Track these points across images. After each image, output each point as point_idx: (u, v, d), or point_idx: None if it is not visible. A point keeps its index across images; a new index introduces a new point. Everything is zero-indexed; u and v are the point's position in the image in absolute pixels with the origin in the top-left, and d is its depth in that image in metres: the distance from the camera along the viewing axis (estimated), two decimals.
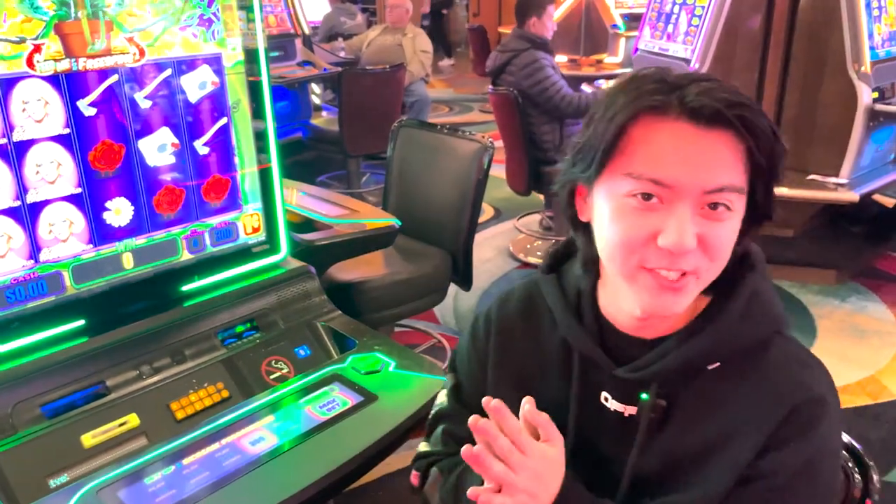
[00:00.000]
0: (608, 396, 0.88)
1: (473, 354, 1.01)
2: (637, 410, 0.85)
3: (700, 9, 3.64)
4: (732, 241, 0.78)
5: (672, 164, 0.74)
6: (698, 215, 0.75)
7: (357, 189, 4.99)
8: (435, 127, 2.85)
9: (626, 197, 0.76)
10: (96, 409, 1.35)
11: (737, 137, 0.74)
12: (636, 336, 0.86)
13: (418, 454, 1.07)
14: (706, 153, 0.74)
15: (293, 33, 5.48)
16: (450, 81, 9.96)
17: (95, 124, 1.36)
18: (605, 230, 0.80)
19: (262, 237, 1.66)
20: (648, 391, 0.84)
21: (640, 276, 0.78)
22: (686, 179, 0.73)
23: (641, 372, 0.83)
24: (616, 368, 0.85)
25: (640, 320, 0.84)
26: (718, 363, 0.83)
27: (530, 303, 0.97)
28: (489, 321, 1.00)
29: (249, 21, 1.55)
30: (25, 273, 1.32)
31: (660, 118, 0.75)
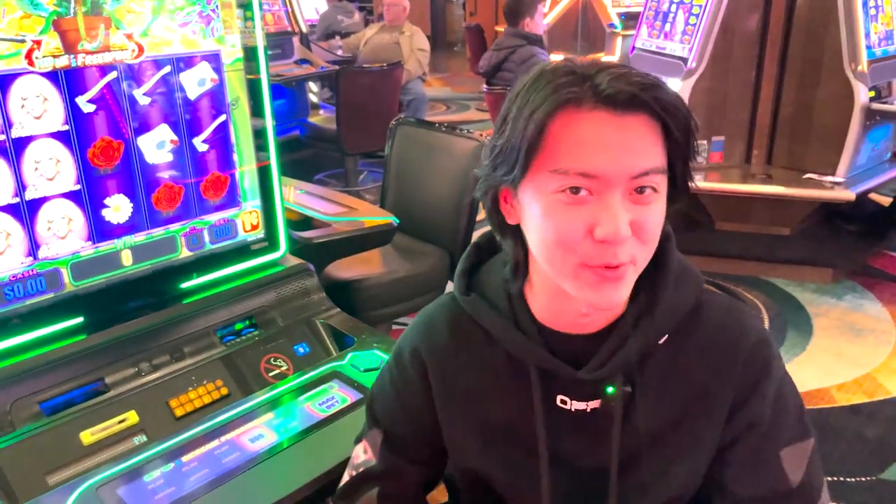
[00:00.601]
0: (566, 399, 0.86)
1: (406, 395, 0.96)
2: (601, 403, 0.85)
3: (697, 7, 3.64)
4: (661, 223, 0.79)
5: (596, 153, 0.73)
6: (628, 201, 0.74)
7: (354, 187, 4.99)
8: (432, 125, 2.85)
9: (555, 193, 0.75)
10: (95, 406, 1.34)
11: (653, 119, 0.74)
12: (577, 333, 0.86)
13: None
14: (627, 139, 0.73)
15: (290, 31, 5.48)
16: (447, 80, 9.96)
17: (94, 121, 1.36)
18: (539, 230, 0.78)
19: (261, 235, 1.65)
20: (613, 383, 0.84)
21: (582, 274, 0.76)
22: (612, 168, 0.73)
23: (606, 368, 0.83)
24: (576, 372, 0.84)
25: (582, 316, 0.84)
26: (666, 336, 0.85)
27: (457, 326, 0.93)
28: (417, 357, 0.95)
29: (248, 19, 1.55)
30: (24, 270, 1.32)
31: (577, 110, 0.74)
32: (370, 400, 1.03)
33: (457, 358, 0.93)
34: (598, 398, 0.86)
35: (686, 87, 3.60)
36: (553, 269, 0.79)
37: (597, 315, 0.85)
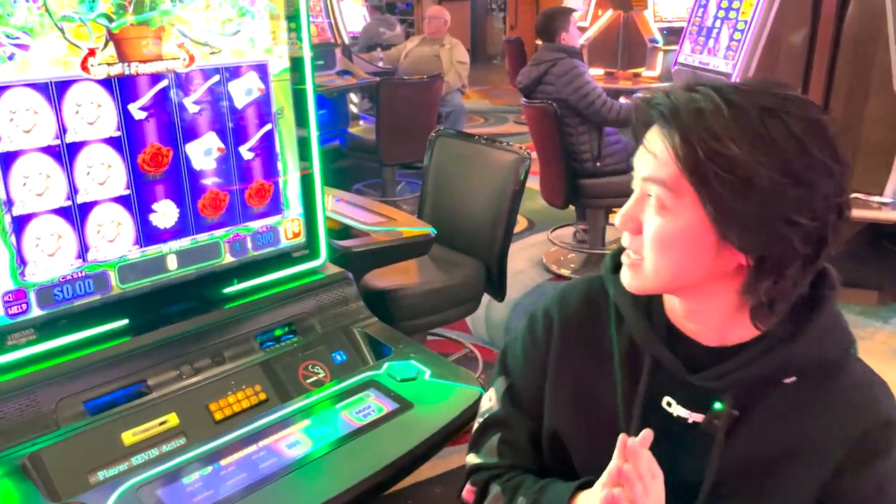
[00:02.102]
0: (672, 401, 0.87)
1: (532, 353, 0.99)
2: (705, 419, 0.84)
3: (742, 23, 3.60)
4: (674, 240, 0.79)
5: (637, 156, 0.83)
6: (645, 203, 0.81)
7: (392, 197, 5.02)
8: (472, 137, 2.85)
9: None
10: (137, 407, 1.37)
11: (670, 133, 0.76)
12: (699, 341, 0.86)
13: (471, 467, 1.02)
14: (649, 147, 0.80)
15: (333, 43, 5.56)
16: (485, 93, 9.99)
17: (145, 128, 1.39)
18: None
19: (302, 242, 1.67)
20: (723, 400, 0.83)
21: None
22: (638, 168, 0.82)
23: (721, 380, 0.83)
24: (689, 374, 0.84)
25: (685, 319, 0.86)
26: (795, 377, 0.83)
27: (592, 301, 0.96)
28: (549, 319, 0.98)
29: (295, 30, 1.57)
30: (74, 272, 1.35)
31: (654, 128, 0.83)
32: (503, 350, 1.06)
33: (581, 330, 0.96)
34: (703, 412, 0.85)
35: None
36: None
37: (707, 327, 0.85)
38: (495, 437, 1.01)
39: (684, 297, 0.85)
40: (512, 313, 3.57)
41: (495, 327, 3.46)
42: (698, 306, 0.84)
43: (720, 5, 3.81)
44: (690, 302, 0.85)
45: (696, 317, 0.85)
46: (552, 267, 4.09)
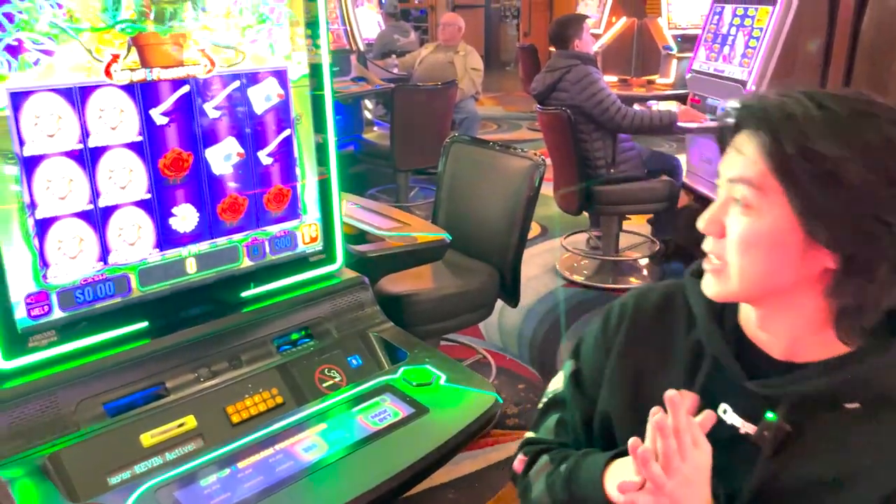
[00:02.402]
0: (727, 409, 0.86)
1: (602, 341, 1.01)
2: (757, 430, 0.83)
3: (758, 31, 3.59)
4: (760, 242, 0.79)
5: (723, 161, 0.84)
6: (731, 206, 0.81)
7: (405, 203, 5.03)
8: (487, 143, 2.86)
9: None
10: (156, 409, 1.38)
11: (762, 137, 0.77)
12: (768, 353, 0.85)
13: (526, 440, 1.07)
14: (735, 150, 0.81)
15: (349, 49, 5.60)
16: (499, 99, 10.01)
17: (166, 133, 1.41)
18: None
19: (319, 247, 1.68)
20: (776, 411, 0.82)
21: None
22: (722, 172, 0.83)
23: (775, 389, 0.82)
24: (748, 380, 0.84)
25: (759, 329, 0.86)
26: (859, 404, 0.80)
27: (670, 300, 0.97)
28: (624, 310, 1.00)
29: (314, 37, 1.59)
30: (95, 274, 1.37)
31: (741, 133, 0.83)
32: (580, 337, 1.08)
33: (652, 325, 0.97)
34: (755, 423, 0.84)
35: None
36: None
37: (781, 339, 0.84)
38: (554, 417, 1.05)
39: (764, 304, 0.84)
40: (525, 319, 3.57)
41: (508, 333, 3.46)
42: (777, 315, 0.83)
43: (735, 13, 3.80)
44: (769, 310, 0.84)
45: (772, 326, 0.85)
46: (565, 273, 4.09)
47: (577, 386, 1.03)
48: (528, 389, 2.98)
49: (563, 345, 3.35)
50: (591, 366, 1.02)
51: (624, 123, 3.59)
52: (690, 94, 4.09)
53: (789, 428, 0.81)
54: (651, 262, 4.18)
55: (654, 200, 3.81)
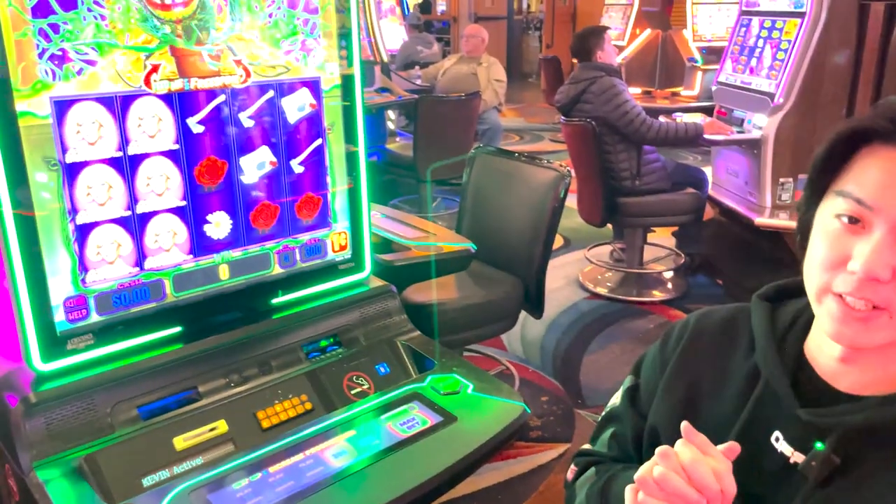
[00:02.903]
0: (780, 436, 0.84)
1: (659, 358, 1.00)
2: (805, 459, 0.80)
3: (786, 43, 3.57)
4: None
5: (880, 186, 0.73)
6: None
7: (428, 213, 5.05)
8: (512, 154, 2.87)
9: (834, 217, 0.76)
10: (188, 413, 1.40)
11: None
12: (831, 384, 0.82)
13: (580, 451, 1.07)
14: None
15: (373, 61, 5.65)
16: (521, 111, 10.03)
17: (202, 141, 1.43)
18: (810, 249, 0.80)
19: (348, 255, 1.70)
20: (825, 441, 0.79)
21: (826, 300, 0.76)
22: (889, 203, 0.72)
23: (827, 419, 0.79)
24: (796, 406, 0.82)
25: (839, 362, 0.81)
26: None
27: (732, 322, 0.95)
28: (685, 327, 0.99)
29: (346, 48, 1.61)
30: (131, 279, 1.40)
31: (886, 145, 0.74)
32: (643, 354, 1.07)
33: (711, 345, 0.95)
34: (805, 452, 0.81)
35: (772, 123, 3.52)
36: (808, 289, 0.80)
37: (858, 374, 0.80)
38: (609, 431, 1.04)
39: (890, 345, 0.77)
40: (548, 332, 3.56)
41: (531, 345, 3.45)
42: (878, 354, 0.78)
43: (763, 25, 3.78)
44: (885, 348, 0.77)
45: (862, 361, 0.80)
46: (588, 285, 4.07)
47: (632, 401, 1.02)
48: (551, 402, 2.97)
49: (586, 357, 3.34)
50: (648, 382, 1.01)
51: (649, 135, 3.59)
52: (717, 106, 4.08)
53: (837, 460, 0.78)
54: (676, 276, 4.15)
55: (679, 213, 3.80)
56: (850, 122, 0.77)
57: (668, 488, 0.75)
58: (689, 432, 0.79)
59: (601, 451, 1.05)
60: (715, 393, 0.92)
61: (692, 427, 0.79)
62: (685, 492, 0.75)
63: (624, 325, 3.66)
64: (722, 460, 0.78)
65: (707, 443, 0.79)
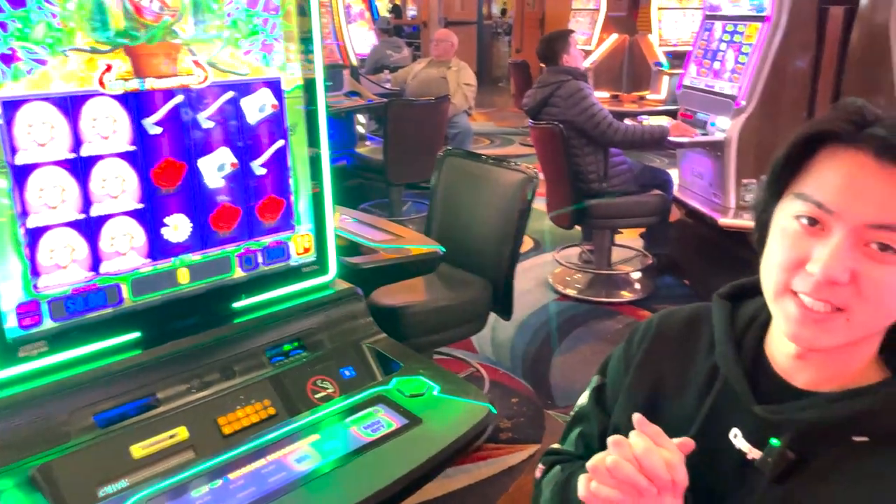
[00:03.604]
0: (738, 433, 0.84)
1: (623, 358, 1.01)
2: (762, 456, 0.80)
3: (747, 46, 3.63)
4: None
5: (840, 190, 0.73)
6: (861, 251, 0.72)
7: (398, 217, 5.04)
8: (480, 157, 2.88)
9: (793, 218, 0.76)
10: (147, 420, 1.37)
11: None
12: (788, 381, 0.83)
13: (549, 450, 1.08)
14: (879, 187, 0.71)
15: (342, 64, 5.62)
16: (491, 115, 10.06)
17: (159, 142, 1.41)
18: (768, 249, 0.80)
19: (312, 258, 1.68)
20: (781, 437, 0.79)
21: (785, 300, 0.76)
22: (849, 208, 0.72)
23: (781, 415, 0.79)
24: (753, 402, 0.82)
25: (797, 359, 0.81)
26: (867, 438, 0.77)
27: (695, 321, 0.96)
28: (649, 327, 1.00)
29: (308, 52, 1.59)
30: (86, 284, 1.36)
31: (845, 147, 0.74)
32: (609, 354, 1.07)
33: (675, 345, 0.96)
34: (761, 449, 0.81)
35: (735, 126, 3.57)
36: (765, 288, 0.80)
37: (814, 371, 0.80)
38: (577, 431, 1.05)
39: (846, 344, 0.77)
40: (517, 333, 3.57)
41: (501, 347, 3.45)
42: (838, 351, 0.78)
43: (725, 29, 3.84)
44: (841, 347, 0.77)
45: (817, 359, 0.80)
46: (558, 287, 4.09)
47: (598, 401, 1.03)
48: (521, 403, 2.98)
49: (556, 358, 3.35)
50: (613, 382, 1.02)
51: (616, 138, 3.62)
52: (681, 109, 4.13)
53: (792, 456, 0.78)
54: (643, 276, 4.19)
55: (645, 214, 3.84)
56: (809, 124, 0.77)
57: (619, 476, 0.76)
58: (642, 423, 0.80)
59: (569, 450, 1.06)
60: (676, 391, 0.93)
61: (645, 419, 0.80)
62: (636, 479, 0.76)
63: (593, 325, 3.69)
64: (675, 451, 0.78)
65: (660, 433, 0.79)
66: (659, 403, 0.94)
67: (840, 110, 0.76)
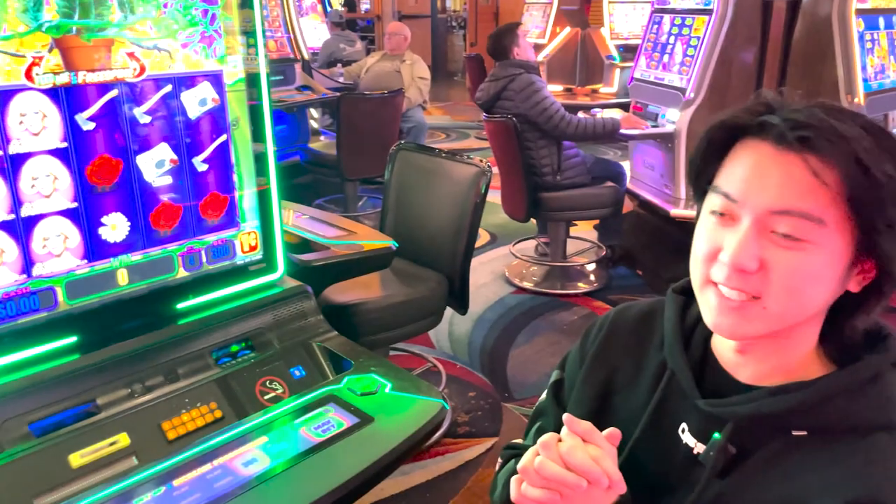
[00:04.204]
0: (685, 427, 0.85)
1: (579, 351, 1.02)
2: (705, 450, 0.81)
3: (695, 39, 3.69)
4: (811, 278, 0.73)
5: (744, 179, 0.75)
6: (767, 239, 0.73)
7: (353, 213, 4.99)
8: (433, 150, 2.86)
9: (710, 213, 0.78)
10: (86, 428, 1.31)
11: (811, 163, 0.71)
12: (734, 375, 0.83)
13: (508, 444, 1.07)
14: (778, 174, 0.73)
15: (293, 58, 5.53)
16: (447, 109, 10.05)
17: (94, 138, 1.35)
18: (693, 244, 0.81)
19: (258, 256, 1.64)
20: (722, 431, 0.80)
21: (707, 291, 0.78)
22: (751, 196, 0.74)
23: (720, 409, 0.80)
24: (697, 396, 0.83)
25: (737, 353, 0.82)
26: (805, 432, 0.77)
27: (649, 316, 0.97)
28: (605, 320, 1.01)
29: (251, 46, 1.55)
30: (17, 288, 1.30)
31: (752, 139, 0.76)
32: (571, 348, 1.07)
33: (629, 340, 0.96)
34: (706, 442, 0.82)
35: (685, 117, 3.62)
36: (693, 284, 0.81)
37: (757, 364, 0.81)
38: (537, 425, 1.05)
39: (770, 336, 0.78)
40: (475, 327, 3.56)
41: (459, 341, 3.44)
42: (768, 344, 0.79)
43: (674, 22, 3.89)
44: (768, 340, 0.78)
45: (755, 352, 0.81)
46: (514, 280, 4.10)
47: (556, 396, 1.03)
48: (479, 397, 2.97)
49: (513, 351, 3.36)
50: (570, 376, 1.02)
51: (568, 130, 3.64)
52: (633, 101, 4.17)
53: (734, 450, 0.79)
54: (598, 268, 4.23)
55: (599, 206, 3.87)
56: (717, 120, 0.78)
57: (545, 475, 0.76)
58: (571, 422, 0.80)
59: (528, 444, 1.04)
60: (629, 386, 0.94)
61: (573, 417, 0.81)
62: (562, 477, 0.76)
63: (549, 317, 3.71)
64: (603, 444, 0.79)
65: (591, 430, 0.80)
66: (611, 398, 0.95)
67: (750, 103, 0.78)
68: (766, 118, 0.74)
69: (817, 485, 0.74)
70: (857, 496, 0.71)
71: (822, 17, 3.47)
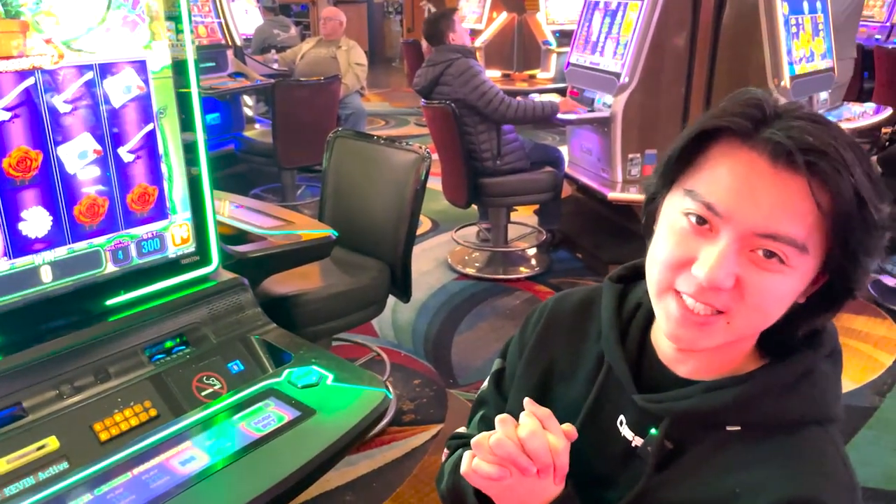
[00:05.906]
0: (623, 420, 0.84)
1: (518, 340, 1.01)
2: (642, 445, 0.81)
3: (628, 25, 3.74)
4: (782, 299, 0.72)
5: (732, 193, 0.70)
6: (746, 257, 0.70)
7: (292, 202, 4.92)
8: (371, 137, 2.83)
9: (682, 215, 0.73)
10: (12, 432, 1.26)
11: (813, 188, 0.67)
12: (671, 370, 0.82)
13: (454, 434, 1.06)
14: (771, 194, 0.68)
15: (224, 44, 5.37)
16: (386, 95, 9.97)
17: (10, 129, 1.28)
18: (655, 244, 0.77)
19: (191, 248, 1.59)
20: (659, 427, 0.80)
21: (667, 299, 0.75)
22: (739, 213, 0.69)
23: (656, 405, 0.79)
24: (633, 391, 0.82)
25: (678, 351, 0.80)
26: (739, 427, 0.77)
27: (587, 305, 0.95)
28: (543, 310, 0.99)
29: (178, 32, 1.49)
30: None
31: (740, 145, 0.71)
32: (512, 336, 1.06)
33: (568, 328, 0.95)
34: (644, 436, 0.81)
35: (620, 102, 3.68)
36: (649, 283, 0.78)
37: (696, 360, 0.80)
38: (479, 414, 1.04)
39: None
40: (418, 315, 3.56)
41: (402, 329, 3.44)
42: (718, 346, 0.77)
43: (608, 8, 3.94)
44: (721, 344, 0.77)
45: (699, 351, 0.79)
46: (457, 266, 4.11)
47: (497, 385, 1.02)
48: (424, 385, 2.98)
49: (457, 337, 3.37)
50: (511, 365, 1.01)
51: (508, 113, 3.65)
52: (569, 87, 4.22)
53: (670, 445, 0.79)
54: (539, 252, 4.28)
55: (539, 191, 3.91)
56: (705, 118, 0.74)
57: (500, 453, 0.76)
58: (532, 405, 0.79)
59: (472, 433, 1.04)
60: (568, 375, 0.93)
61: (534, 402, 0.80)
62: (517, 458, 0.76)
63: (492, 302, 3.73)
64: (560, 436, 0.78)
65: (549, 417, 0.79)
66: (549, 388, 0.94)
67: (738, 103, 0.72)
68: (768, 133, 0.69)
69: (751, 481, 0.73)
70: (793, 495, 0.71)
71: (749, 2, 3.57)
